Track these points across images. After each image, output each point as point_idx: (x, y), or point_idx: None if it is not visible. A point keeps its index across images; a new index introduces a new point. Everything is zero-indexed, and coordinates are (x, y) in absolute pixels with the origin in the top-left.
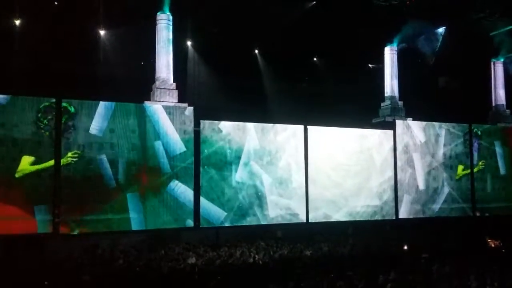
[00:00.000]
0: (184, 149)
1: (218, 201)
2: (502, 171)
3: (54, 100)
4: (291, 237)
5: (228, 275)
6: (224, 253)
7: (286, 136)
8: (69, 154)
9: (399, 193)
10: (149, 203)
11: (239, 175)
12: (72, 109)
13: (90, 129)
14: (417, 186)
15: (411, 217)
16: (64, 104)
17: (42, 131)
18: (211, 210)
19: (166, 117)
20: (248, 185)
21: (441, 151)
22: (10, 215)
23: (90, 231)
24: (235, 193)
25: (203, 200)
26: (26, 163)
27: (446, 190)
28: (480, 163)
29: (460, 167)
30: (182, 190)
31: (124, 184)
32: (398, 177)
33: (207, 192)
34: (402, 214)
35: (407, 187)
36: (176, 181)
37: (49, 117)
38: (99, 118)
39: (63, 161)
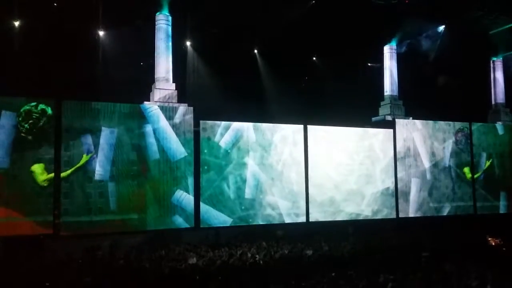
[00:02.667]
0: (185, 153)
1: (220, 205)
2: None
3: (34, 103)
4: (291, 236)
5: (229, 275)
6: (224, 253)
7: (286, 135)
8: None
9: (399, 192)
10: (154, 212)
11: (239, 175)
12: (49, 111)
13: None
14: (417, 185)
15: (411, 215)
16: (41, 106)
17: (24, 135)
18: (214, 215)
19: (166, 119)
20: (248, 185)
21: (441, 150)
22: (10, 216)
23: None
24: (236, 195)
25: (206, 207)
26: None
27: (447, 188)
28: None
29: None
30: (188, 200)
31: (122, 193)
32: (398, 176)
33: (208, 195)
34: (402, 213)
35: (407, 186)
36: (181, 191)
37: (30, 121)
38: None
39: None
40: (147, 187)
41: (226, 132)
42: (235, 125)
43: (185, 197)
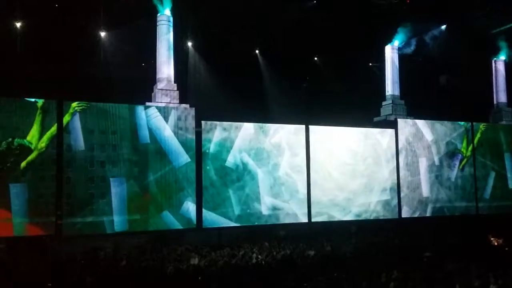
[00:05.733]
0: (188, 159)
1: (223, 208)
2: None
3: (10, 139)
4: (293, 237)
5: (231, 276)
6: (226, 254)
7: (288, 136)
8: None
9: (401, 192)
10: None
11: (241, 176)
12: (26, 143)
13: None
14: (420, 185)
15: (414, 216)
16: (17, 140)
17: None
18: (217, 220)
19: (167, 120)
20: (249, 186)
21: (442, 150)
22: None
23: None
24: (238, 196)
25: (209, 213)
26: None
27: (448, 188)
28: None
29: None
30: (195, 210)
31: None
32: (401, 175)
33: (210, 196)
34: (405, 213)
35: (409, 186)
36: (189, 203)
37: (12, 159)
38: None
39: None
40: (150, 195)
41: (227, 132)
42: (236, 125)
43: (193, 208)
